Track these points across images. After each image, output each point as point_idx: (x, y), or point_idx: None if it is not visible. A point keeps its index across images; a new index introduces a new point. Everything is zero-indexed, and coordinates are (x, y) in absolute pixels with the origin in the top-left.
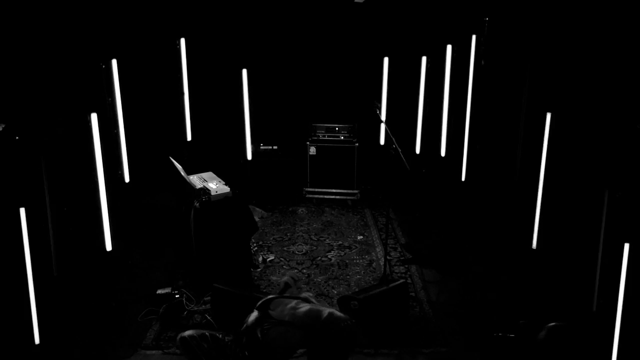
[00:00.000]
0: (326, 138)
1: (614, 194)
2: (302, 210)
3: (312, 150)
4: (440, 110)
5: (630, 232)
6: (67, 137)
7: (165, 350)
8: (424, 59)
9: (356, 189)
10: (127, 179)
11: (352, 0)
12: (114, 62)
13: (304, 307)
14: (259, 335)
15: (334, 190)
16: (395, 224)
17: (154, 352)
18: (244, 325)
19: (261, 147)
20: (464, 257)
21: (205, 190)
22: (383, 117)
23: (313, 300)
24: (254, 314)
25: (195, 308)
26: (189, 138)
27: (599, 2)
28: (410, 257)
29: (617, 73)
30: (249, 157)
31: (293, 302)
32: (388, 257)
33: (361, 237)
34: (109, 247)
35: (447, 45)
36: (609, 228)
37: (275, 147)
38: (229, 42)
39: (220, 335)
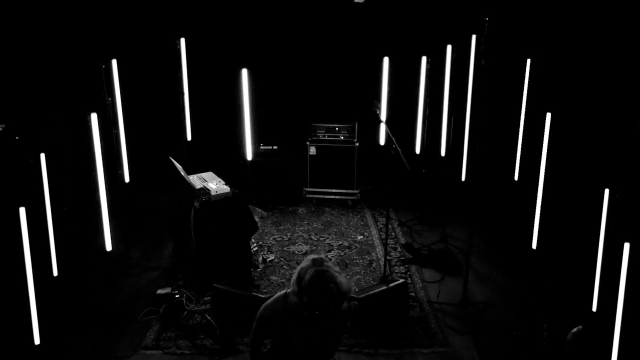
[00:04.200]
0: (326, 138)
1: (614, 194)
2: (302, 210)
3: (312, 150)
4: (440, 110)
5: (630, 232)
6: (67, 137)
7: (165, 350)
8: (424, 59)
9: (356, 189)
10: (127, 179)
11: (352, 0)
12: (114, 62)
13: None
14: None
15: (334, 190)
16: (395, 224)
17: (154, 352)
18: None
19: (261, 147)
20: (463, 257)
21: (205, 190)
22: (383, 117)
23: None
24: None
25: (195, 308)
26: (189, 138)
27: (598, 2)
28: (410, 257)
29: (616, 72)
30: (249, 157)
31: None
32: (388, 257)
33: (361, 237)
34: (109, 247)
35: (447, 45)
36: (609, 228)
37: (275, 147)
38: (229, 42)
39: None
